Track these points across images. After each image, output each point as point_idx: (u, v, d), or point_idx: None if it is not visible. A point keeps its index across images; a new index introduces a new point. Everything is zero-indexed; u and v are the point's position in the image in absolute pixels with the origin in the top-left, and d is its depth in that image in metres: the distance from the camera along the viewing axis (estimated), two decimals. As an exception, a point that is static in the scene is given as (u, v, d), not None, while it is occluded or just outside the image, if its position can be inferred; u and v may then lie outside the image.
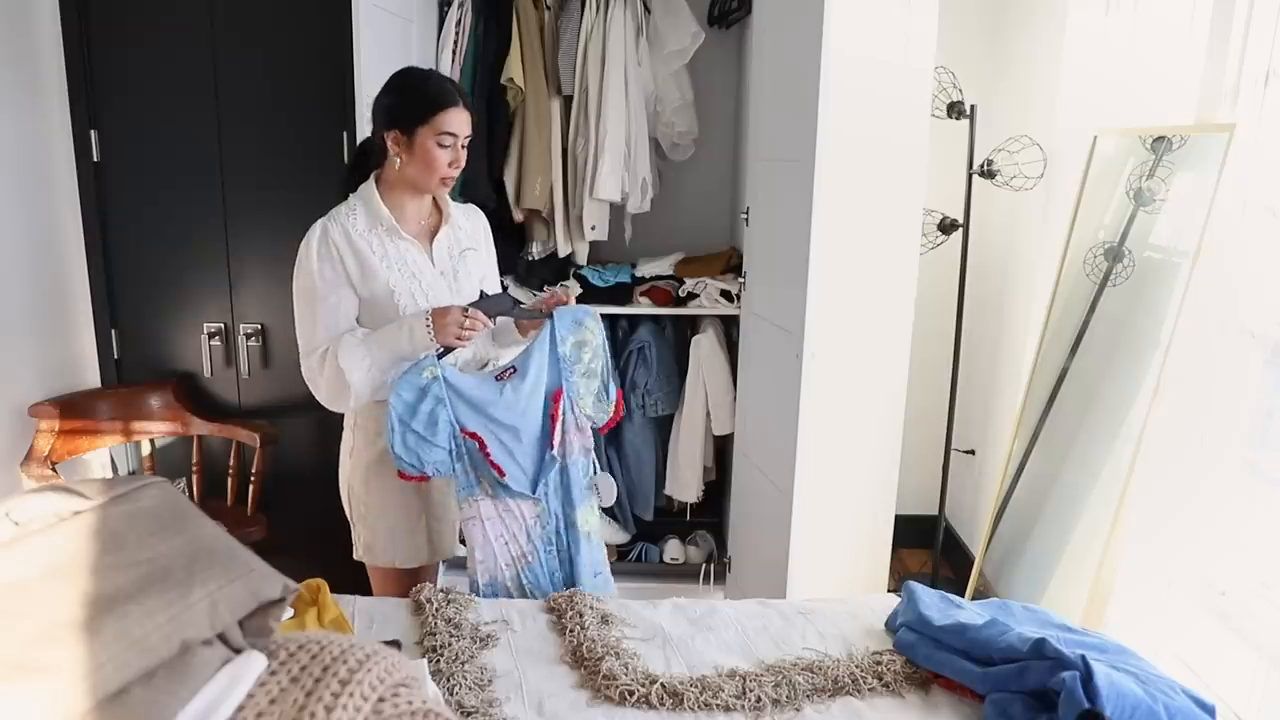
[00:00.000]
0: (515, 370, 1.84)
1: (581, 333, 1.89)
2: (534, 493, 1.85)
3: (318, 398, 1.83)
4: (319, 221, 1.81)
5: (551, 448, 1.86)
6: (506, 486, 1.82)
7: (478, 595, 1.85)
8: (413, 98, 1.78)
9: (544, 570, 1.88)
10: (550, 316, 1.89)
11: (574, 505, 1.90)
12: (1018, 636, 1.45)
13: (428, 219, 1.91)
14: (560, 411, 1.86)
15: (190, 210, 2.78)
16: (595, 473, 1.93)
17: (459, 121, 1.78)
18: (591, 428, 1.92)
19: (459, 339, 1.77)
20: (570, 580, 1.91)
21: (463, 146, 1.81)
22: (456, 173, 1.82)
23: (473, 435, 1.80)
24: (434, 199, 1.93)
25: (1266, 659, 1.68)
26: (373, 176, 1.85)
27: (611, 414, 1.93)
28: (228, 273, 2.82)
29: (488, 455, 1.80)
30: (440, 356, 1.79)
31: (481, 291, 1.87)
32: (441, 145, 1.77)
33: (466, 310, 1.78)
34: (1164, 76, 2.17)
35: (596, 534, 1.95)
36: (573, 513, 1.90)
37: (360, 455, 1.92)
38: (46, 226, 2.69)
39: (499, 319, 1.88)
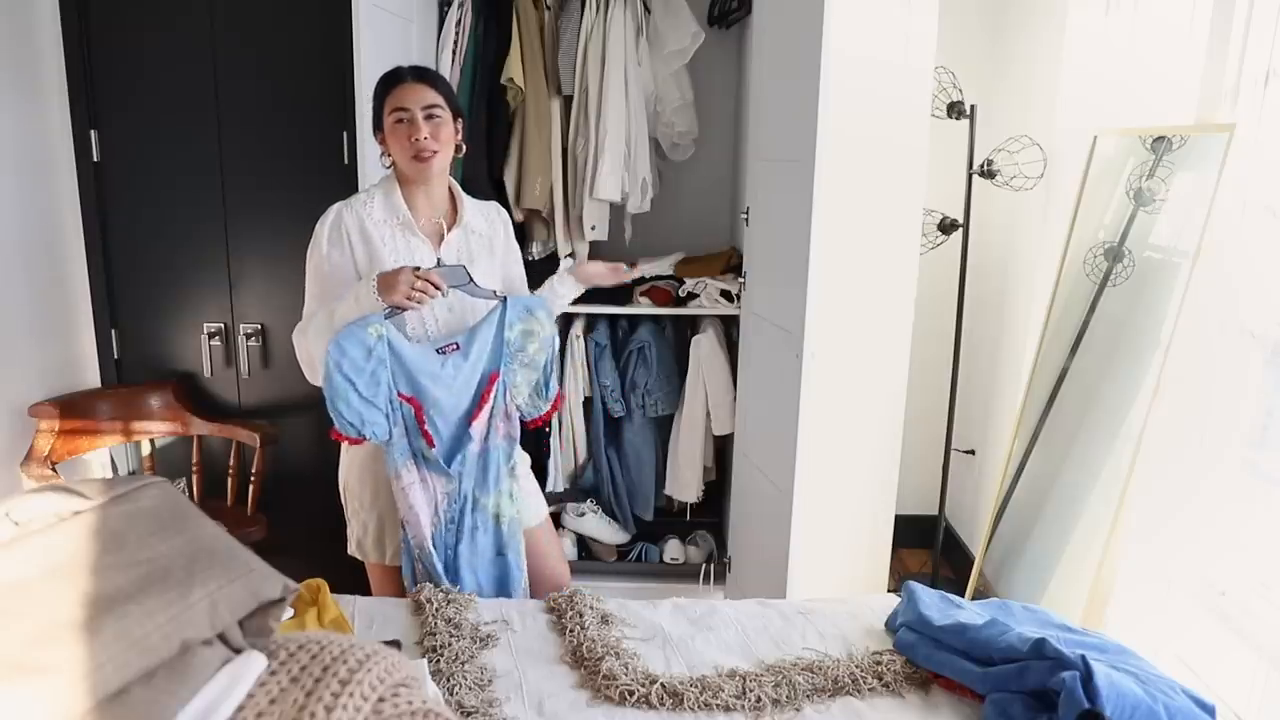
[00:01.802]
0: (458, 347, 1.83)
1: (530, 322, 1.88)
2: (448, 468, 1.84)
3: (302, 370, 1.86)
4: (336, 205, 1.83)
5: (469, 425, 1.84)
6: (428, 458, 1.82)
7: (409, 558, 1.86)
8: (375, 95, 1.84)
9: (441, 544, 1.87)
10: (504, 300, 1.88)
11: (487, 490, 1.89)
12: (1018, 636, 1.45)
13: (440, 218, 1.91)
14: (491, 395, 1.86)
15: (190, 210, 2.78)
16: (518, 458, 1.95)
17: (408, 95, 1.78)
18: (520, 419, 1.92)
19: (409, 299, 1.71)
20: (464, 559, 1.89)
21: (428, 118, 1.78)
22: (429, 145, 1.77)
23: (409, 400, 1.79)
24: (452, 198, 1.93)
25: (1266, 659, 1.68)
26: (391, 172, 1.88)
27: (545, 411, 1.93)
28: (228, 273, 2.82)
29: (422, 423, 1.79)
30: (387, 317, 1.75)
31: (438, 259, 1.82)
32: (399, 121, 1.78)
33: (418, 270, 1.73)
34: (1164, 76, 2.17)
35: (510, 520, 1.92)
36: (484, 497, 1.89)
37: (355, 451, 1.93)
38: (46, 226, 2.69)
39: (451, 289, 1.82)
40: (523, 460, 2.04)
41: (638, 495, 3.16)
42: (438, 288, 1.74)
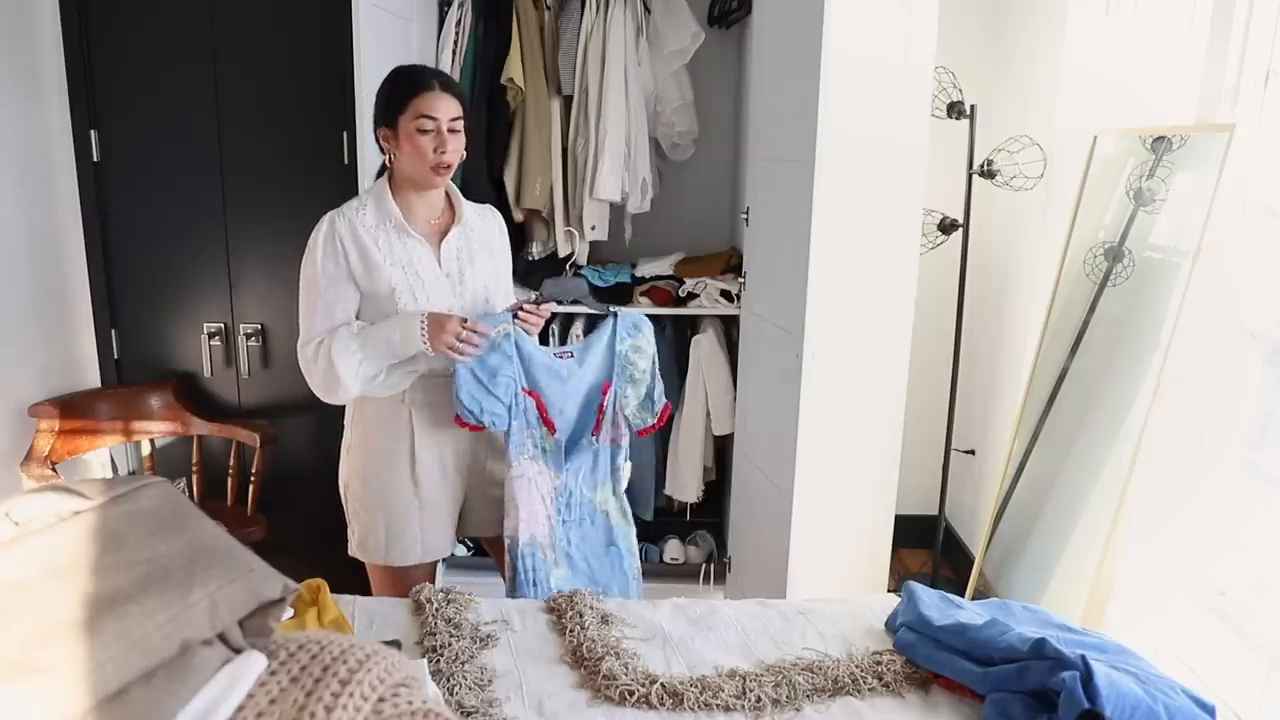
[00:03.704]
0: (573, 355, 1.97)
1: (639, 338, 2.01)
2: (564, 465, 1.96)
3: (310, 386, 1.84)
4: (328, 215, 1.82)
5: (595, 434, 1.98)
6: (545, 450, 1.93)
7: (515, 554, 1.93)
8: (391, 91, 1.81)
9: (561, 535, 1.99)
10: (615, 315, 2.00)
11: (594, 487, 2.03)
12: (1018, 636, 1.45)
13: (439, 219, 1.90)
14: (606, 404, 1.98)
15: (190, 210, 2.78)
16: (623, 460, 2.07)
17: (437, 104, 1.76)
18: (629, 427, 2.04)
19: (450, 349, 1.77)
20: (575, 547, 2.01)
21: (451, 131, 1.78)
22: (449, 159, 1.78)
23: (531, 394, 1.91)
24: (448, 198, 1.93)
25: (1266, 659, 1.68)
26: (385, 175, 1.87)
27: (654, 423, 2.05)
28: (228, 273, 2.82)
29: (543, 411, 1.91)
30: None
31: (564, 271, 1.94)
32: (423, 130, 1.76)
33: (464, 322, 1.79)
34: (1164, 76, 2.17)
35: (616, 513, 2.07)
36: (591, 493, 2.03)
37: (357, 452, 1.93)
38: (46, 226, 2.69)
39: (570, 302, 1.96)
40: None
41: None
42: (485, 335, 1.82)
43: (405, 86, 1.78)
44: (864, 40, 2.43)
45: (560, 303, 1.98)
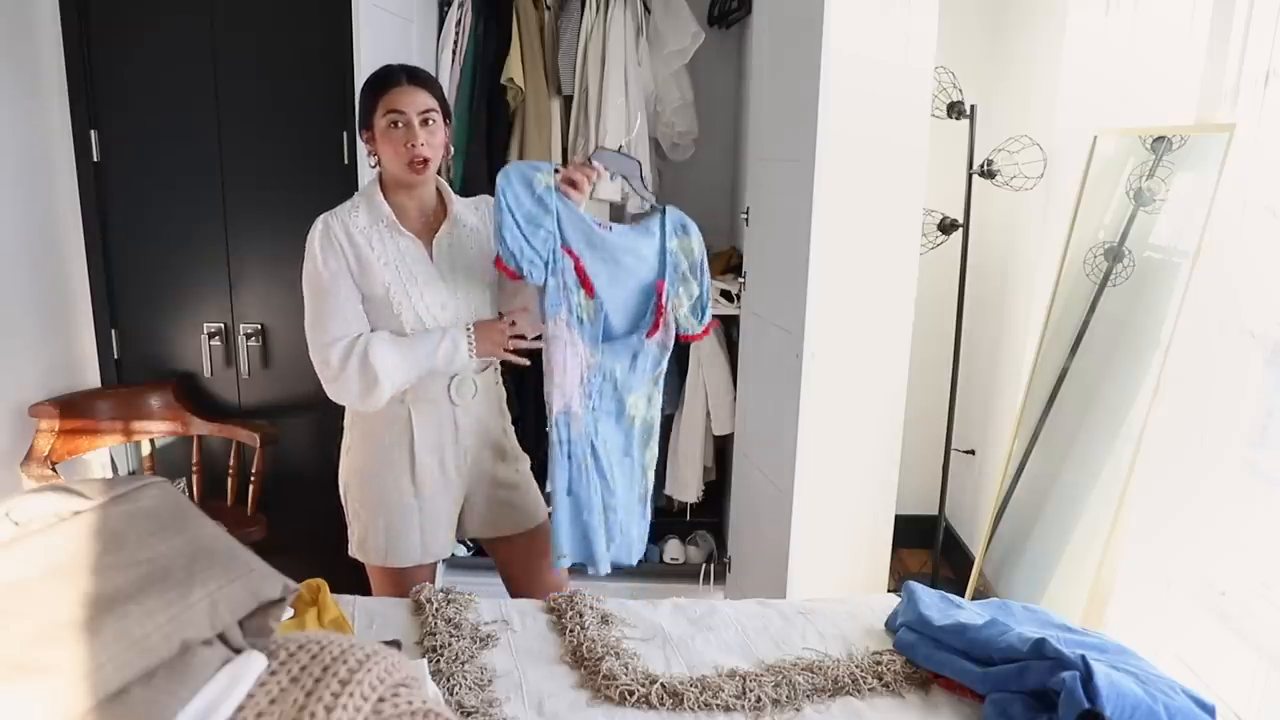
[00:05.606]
0: (611, 229, 1.86)
1: (685, 240, 1.91)
2: (598, 345, 1.86)
3: (332, 392, 1.81)
4: (321, 217, 1.82)
5: (651, 335, 1.89)
6: (581, 320, 1.84)
7: (552, 425, 1.86)
8: (364, 93, 1.82)
9: (589, 420, 1.89)
10: (664, 210, 1.90)
11: (631, 388, 1.93)
12: (1018, 636, 1.45)
13: (432, 217, 1.90)
14: (665, 303, 1.89)
15: (190, 210, 2.78)
16: (664, 367, 1.97)
17: (403, 98, 1.76)
18: (676, 330, 1.95)
19: (504, 349, 1.83)
20: (607, 456, 1.92)
21: (424, 123, 1.77)
22: (423, 152, 1.76)
23: (570, 253, 1.82)
24: (440, 195, 1.92)
25: (1266, 659, 1.68)
26: (376, 175, 1.86)
27: (700, 331, 1.98)
28: (228, 273, 2.82)
29: (581, 273, 1.82)
30: (479, 371, 1.86)
31: (620, 147, 1.86)
32: (394, 126, 1.76)
33: (503, 318, 1.83)
34: (1164, 76, 2.17)
35: (644, 422, 1.97)
36: (627, 390, 1.92)
37: (356, 453, 1.92)
38: (46, 226, 2.69)
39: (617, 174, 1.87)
40: (524, 460, 2.04)
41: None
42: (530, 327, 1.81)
43: (375, 86, 1.79)
44: (864, 40, 2.43)
45: (610, 174, 1.89)
